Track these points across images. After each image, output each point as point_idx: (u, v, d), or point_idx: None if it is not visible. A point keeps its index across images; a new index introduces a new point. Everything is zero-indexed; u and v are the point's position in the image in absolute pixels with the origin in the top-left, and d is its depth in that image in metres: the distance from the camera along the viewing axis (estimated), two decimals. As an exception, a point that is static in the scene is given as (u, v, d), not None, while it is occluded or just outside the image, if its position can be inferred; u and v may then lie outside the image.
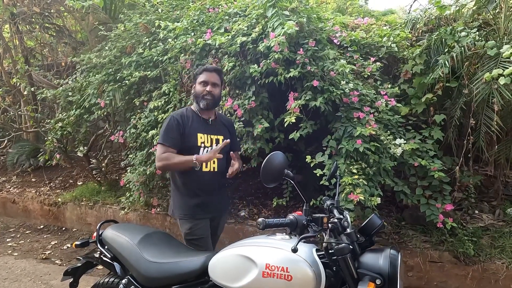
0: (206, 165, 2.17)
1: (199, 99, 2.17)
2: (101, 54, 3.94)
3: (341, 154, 2.54)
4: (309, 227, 1.24)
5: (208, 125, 2.22)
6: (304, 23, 2.51)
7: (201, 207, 2.19)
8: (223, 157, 2.18)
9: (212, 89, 2.16)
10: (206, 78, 2.17)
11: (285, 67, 2.56)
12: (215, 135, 2.22)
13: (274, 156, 1.32)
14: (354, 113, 2.54)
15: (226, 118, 2.45)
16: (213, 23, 2.97)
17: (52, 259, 3.66)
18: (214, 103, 2.21)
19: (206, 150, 2.16)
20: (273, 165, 1.31)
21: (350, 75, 2.78)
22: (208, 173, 2.18)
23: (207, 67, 2.24)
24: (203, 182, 2.18)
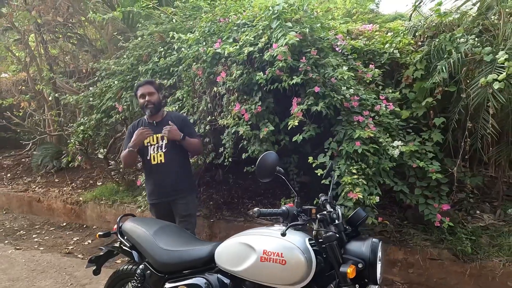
0: (154, 159, 2.67)
1: (144, 109, 2.71)
2: (119, 62, 4.22)
3: (341, 156, 2.70)
4: (299, 217, 1.42)
5: (153, 127, 2.70)
6: (307, 33, 2.69)
7: (152, 194, 2.76)
8: (175, 149, 2.67)
9: (150, 98, 2.67)
10: (142, 91, 2.69)
11: (289, 74, 2.74)
12: (159, 133, 2.67)
13: (268, 156, 1.52)
14: (354, 117, 2.70)
15: (176, 115, 2.87)
16: (223, 33, 3.18)
17: (74, 254, 3.94)
18: (156, 108, 2.71)
19: (153, 148, 2.67)
20: (267, 163, 1.50)
21: (352, 81, 2.94)
22: (156, 165, 2.67)
23: (139, 83, 2.80)
24: (153, 173, 2.71)
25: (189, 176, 2.88)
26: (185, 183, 2.77)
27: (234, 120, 2.93)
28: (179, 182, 2.71)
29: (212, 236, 3.91)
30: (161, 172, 2.68)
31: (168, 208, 2.77)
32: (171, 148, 2.68)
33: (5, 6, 5.67)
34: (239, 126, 2.90)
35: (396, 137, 2.91)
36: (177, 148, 2.70)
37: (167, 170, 2.67)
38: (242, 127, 2.84)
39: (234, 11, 3.45)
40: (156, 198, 2.76)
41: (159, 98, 2.78)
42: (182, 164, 2.77)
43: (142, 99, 2.70)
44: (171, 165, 2.68)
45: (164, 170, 2.67)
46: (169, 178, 2.68)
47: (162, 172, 2.67)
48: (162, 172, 2.67)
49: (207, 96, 3.28)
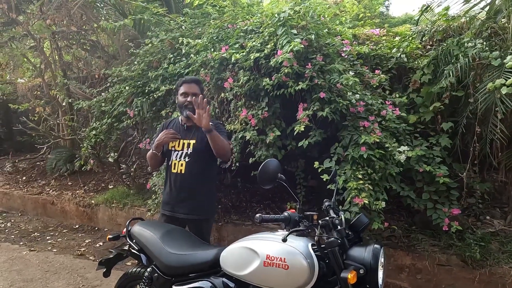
0: (174, 167, 2.40)
1: (182, 109, 2.42)
2: (130, 68, 4.31)
3: (347, 161, 2.71)
4: (301, 223, 1.44)
5: (183, 131, 2.45)
6: (313, 39, 2.72)
7: (166, 204, 2.47)
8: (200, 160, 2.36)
9: (192, 99, 2.33)
10: (186, 90, 2.41)
11: (295, 80, 2.78)
12: (187, 139, 2.41)
13: (269, 163, 1.55)
14: (360, 122, 2.71)
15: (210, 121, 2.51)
16: (230, 39, 3.24)
17: (86, 256, 4.03)
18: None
19: (176, 154, 2.40)
20: (268, 170, 1.53)
21: (358, 86, 2.96)
22: (175, 174, 2.40)
23: (186, 79, 2.47)
24: (171, 182, 2.43)
25: (210, 197, 2.51)
26: (203, 203, 2.42)
27: (241, 125, 2.98)
28: (196, 201, 2.39)
29: (220, 239, 3.95)
30: (178, 184, 2.39)
31: (179, 224, 2.41)
32: (195, 158, 2.35)
33: (21, 15, 5.85)
34: (246, 131, 2.94)
35: (403, 142, 2.91)
36: (203, 160, 2.38)
37: (185, 183, 2.37)
38: (249, 132, 2.88)
39: (242, 18, 3.50)
40: (168, 211, 2.45)
41: None
42: (205, 180, 2.40)
43: (183, 98, 2.39)
44: (191, 178, 2.36)
45: (182, 182, 2.37)
46: (185, 193, 2.38)
47: (179, 184, 2.38)
48: (179, 184, 2.38)
49: (215, 101, 3.34)
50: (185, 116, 2.41)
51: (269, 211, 4.08)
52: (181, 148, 2.41)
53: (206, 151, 2.35)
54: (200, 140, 2.38)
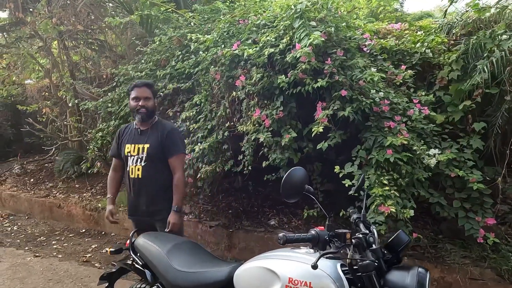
0: (132, 172, 2.40)
1: (135, 113, 2.41)
2: (138, 67, 4.15)
3: (371, 165, 2.48)
4: (331, 242, 1.22)
5: (138, 135, 2.43)
6: (332, 32, 2.50)
7: (129, 209, 2.53)
8: (155, 164, 2.37)
9: (144, 103, 2.36)
10: (137, 94, 2.38)
11: (313, 77, 2.56)
12: (141, 144, 2.40)
13: (295, 172, 1.33)
14: (385, 122, 2.48)
15: (164, 124, 2.49)
16: (242, 34, 3.04)
17: (92, 262, 3.86)
18: (149, 115, 2.41)
19: (133, 159, 2.40)
20: (294, 181, 1.31)
21: (381, 83, 2.72)
22: (133, 179, 2.42)
23: (137, 83, 2.44)
24: (130, 187, 2.45)
25: (168, 197, 2.44)
26: (163, 204, 2.42)
27: (254, 126, 2.77)
28: (156, 203, 2.41)
29: (231, 247, 3.74)
30: (136, 189, 2.41)
31: (148, 224, 2.46)
32: (151, 163, 2.37)
33: (28, 15, 5.75)
34: (259, 132, 2.73)
35: (430, 144, 2.67)
36: (159, 164, 2.38)
37: (142, 188, 2.40)
38: (263, 134, 2.67)
39: (254, 12, 3.30)
40: (132, 215, 2.54)
41: (154, 104, 2.48)
42: (162, 183, 2.40)
43: (134, 102, 2.39)
44: (148, 182, 2.39)
45: (140, 187, 2.40)
46: (144, 197, 2.40)
47: (138, 189, 2.41)
48: (138, 189, 2.41)
49: (225, 101, 3.14)
50: (138, 121, 2.42)
51: (282, 217, 3.87)
52: (136, 153, 2.41)
53: (160, 154, 2.39)
54: (153, 144, 2.40)
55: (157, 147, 2.37)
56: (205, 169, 3.24)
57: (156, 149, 2.37)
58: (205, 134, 3.27)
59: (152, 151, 2.37)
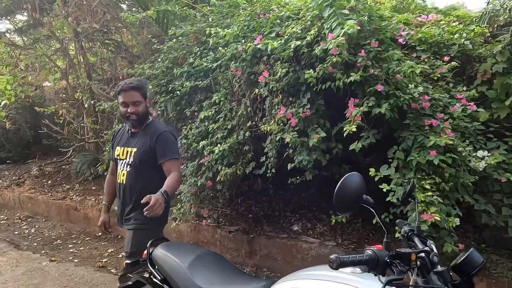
0: (118, 177, 2.22)
1: (125, 119, 2.20)
2: (154, 66, 4.01)
3: (410, 167, 2.23)
4: (392, 265, 1.01)
5: (129, 138, 2.23)
6: (365, 22, 2.28)
7: (119, 216, 2.31)
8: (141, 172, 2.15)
9: (134, 109, 2.11)
10: (125, 99, 2.13)
11: (344, 71, 2.34)
12: (130, 147, 2.19)
13: (351, 179, 1.10)
14: (426, 120, 2.23)
15: (155, 127, 2.21)
16: (264, 28, 2.84)
17: (108, 268, 3.74)
18: (140, 121, 2.17)
19: (121, 163, 2.22)
20: (350, 190, 1.09)
21: (418, 78, 2.48)
22: (119, 185, 2.24)
23: (123, 87, 2.13)
24: (118, 193, 2.28)
25: None
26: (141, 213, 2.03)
27: (278, 126, 2.56)
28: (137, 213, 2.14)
29: (251, 253, 3.55)
30: (121, 195, 2.23)
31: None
32: (135, 169, 2.15)
33: (45, 16, 5.73)
34: (285, 132, 2.53)
35: (475, 144, 2.40)
36: (144, 171, 2.14)
37: (126, 196, 2.20)
38: (288, 133, 2.46)
39: (277, 5, 3.10)
40: (120, 223, 2.34)
41: (146, 107, 2.21)
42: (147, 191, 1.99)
43: (123, 108, 2.14)
44: (132, 190, 2.17)
45: (124, 193, 2.21)
46: (129, 205, 2.19)
47: (123, 196, 2.22)
48: (123, 196, 2.22)
49: (246, 99, 2.95)
50: (130, 127, 2.22)
51: (306, 222, 3.64)
52: (125, 157, 2.22)
53: (147, 160, 2.15)
54: (140, 148, 2.16)
55: (144, 152, 2.13)
56: (225, 171, 3.05)
57: (143, 154, 2.13)
58: (225, 134, 3.08)
59: (138, 156, 2.14)
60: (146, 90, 2.24)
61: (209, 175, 3.20)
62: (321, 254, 3.15)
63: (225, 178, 3.05)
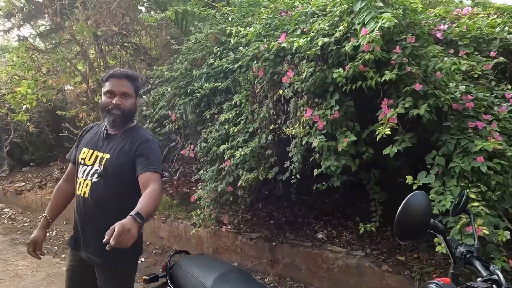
0: (79, 186, 1.72)
1: (105, 113, 1.73)
2: (173, 68, 3.93)
3: (451, 174, 2.03)
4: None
5: (102, 140, 1.77)
6: (400, 15, 2.09)
7: (72, 237, 1.80)
8: (108, 184, 1.67)
9: (121, 101, 1.69)
10: (113, 87, 1.70)
11: (376, 69, 2.16)
12: (102, 152, 1.72)
13: (415, 199, 0.92)
14: (469, 122, 2.02)
15: (138, 133, 1.78)
16: (288, 26, 2.69)
17: (127, 274, 3.67)
18: (124, 119, 1.73)
19: (85, 169, 1.72)
20: (414, 213, 0.91)
21: (458, 76, 2.27)
22: (78, 197, 1.73)
23: (115, 72, 1.74)
24: (76, 207, 1.77)
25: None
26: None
27: (304, 129, 2.40)
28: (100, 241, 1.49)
29: (274, 262, 3.39)
30: (81, 210, 1.73)
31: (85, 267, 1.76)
32: (105, 181, 1.67)
33: (66, 20, 5.77)
34: (311, 136, 2.36)
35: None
36: (117, 185, 1.68)
37: (87, 213, 1.70)
38: (315, 137, 2.30)
39: (300, 1, 2.94)
40: (72, 248, 1.81)
41: (135, 105, 1.80)
42: (116, 212, 1.53)
43: (107, 98, 1.71)
44: (96, 207, 1.67)
45: (85, 209, 1.70)
46: (89, 226, 1.70)
47: (83, 212, 1.72)
48: (83, 212, 1.72)
49: (269, 100, 2.80)
50: (109, 124, 1.75)
51: (331, 230, 3.46)
52: (91, 162, 1.72)
53: (122, 172, 1.68)
54: (116, 156, 1.71)
55: (120, 161, 1.69)
56: (246, 176, 2.92)
57: (118, 164, 1.69)
58: (246, 138, 2.95)
59: (111, 165, 1.68)
60: (139, 85, 1.85)
61: (229, 180, 3.08)
62: (348, 265, 2.96)
63: (247, 183, 2.91)
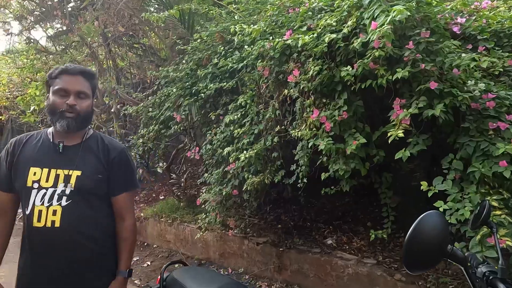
0: (39, 218, 1.37)
1: (56, 117, 1.42)
2: (178, 68, 3.87)
3: (470, 180, 1.87)
4: None
5: (57, 154, 1.44)
6: (413, 8, 1.94)
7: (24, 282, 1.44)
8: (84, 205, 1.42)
9: (76, 101, 1.42)
10: (66, 85, 1.42)
11: (387, 67, 2.02)
12: (66, 169, 1.42)
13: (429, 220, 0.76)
14: (490, 123, 1.86)
15: (108, 143, 1.55)
16: (294, 22, 2.58)
17: (132, 278, 3.60)
18: (81, 123, 1.45)
19: (43, 194, 1.38)
20: (428, 237, 0.76)
21: (477, 73, 2.11)
22: (40, 231, 1.38)
23: (68, 67, 1.47)
24: (33, 246, 1.41)
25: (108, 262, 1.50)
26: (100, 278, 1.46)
27: (311, 131, 2.28)
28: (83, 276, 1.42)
29: (281, 268, 3.27)
30: (46, 247, 1.39)
31: None
32: (81, 203, 1.42)
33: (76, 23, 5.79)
34: (318, 138, 2.24)
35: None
36: (94, 206, 1.46)
37: (57, 247, 1.39)
38: (322, 139, 2.17)
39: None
40: None
41: (91, 107, 1.51)
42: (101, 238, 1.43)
43: (58, 98, 1.42)
44: (71, 237, 1.39)
45: (55, 243, 1.39)
46: (62, 263, 1.40)
47: (50, 248, 1.39)
48: (50, 248, 1.39)
49: (275, 101, 2.69)
50: (61, 129, 1.43)
51: (341, 235, 3.32)
52: (52, 184, 1.40)
53: (98, 191, 1.46)
54: (89, 172, 1.44)
55: (96, 178, 1.44)
56: (252, 180, 2.81)
57: (94, 180, 1.44)
58: (251, 140, 2.84)
59: (86, 184, 1.42)
60: (96, 84, 1.57)
61: (235, 183, 2.98)
62: (359, 273, 2.82)
63: (252, 187, 2.81)
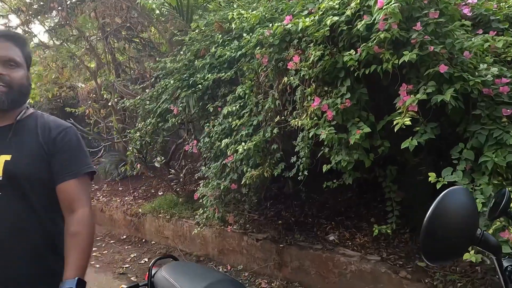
0: None
1: None
2: (176, 59, 3.76)
3: (482, 170, 1.75)
4: None
5: None
6: (421, -13, 1.82)
7: None
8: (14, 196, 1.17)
9: (6, 70, 1.18)
10: None
11: (393, 51, 1.90)
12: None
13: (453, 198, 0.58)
14: (503, 109, 1.74)
15: (50, 121, 1.29)
16: (294, 7, 2.46)
17: (128, 275, 3.53)
18: (13, 98, 1.20)
19: None
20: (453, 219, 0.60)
21: (489, 58, 1.98)
22: None
23: None
24: None
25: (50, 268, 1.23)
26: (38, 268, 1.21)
27: (311, 120, 2.16)
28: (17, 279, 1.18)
29: (281, 265, 3.17)
30: None
31: None
32: (14, 193, 1.18)
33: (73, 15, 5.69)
34: (319, 127, 2.12)
35: None
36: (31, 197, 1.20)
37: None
38: (324, 129, 2.06)
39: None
40: None
41: (28, 77, 1.28)
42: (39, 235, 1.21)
43: None
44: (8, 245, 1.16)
45: None
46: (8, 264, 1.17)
47: None
48: None
49: (274, 90, 2.57)
50: None
51: (343, 231, 3.20)
52: None
53: (38, 176, 1.21)
54: (22, 155, 1.20)
55: (32, 161, 1.21)
56: (251, 173, 2.70)
57: (29, 165, 1.20)
58: (250, 131, 2.73)
59: (18, 169, 1.18)
60: (30, 53, 1.31)
61: (233, 177, 2.87)
62: (362, 270, 2.71)
63: (251, 181, 2.70)
